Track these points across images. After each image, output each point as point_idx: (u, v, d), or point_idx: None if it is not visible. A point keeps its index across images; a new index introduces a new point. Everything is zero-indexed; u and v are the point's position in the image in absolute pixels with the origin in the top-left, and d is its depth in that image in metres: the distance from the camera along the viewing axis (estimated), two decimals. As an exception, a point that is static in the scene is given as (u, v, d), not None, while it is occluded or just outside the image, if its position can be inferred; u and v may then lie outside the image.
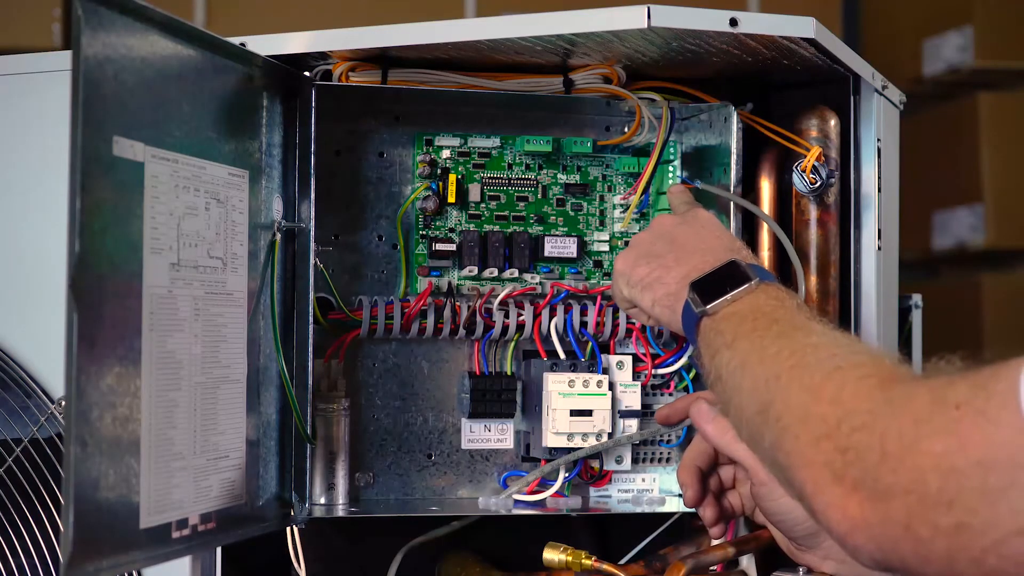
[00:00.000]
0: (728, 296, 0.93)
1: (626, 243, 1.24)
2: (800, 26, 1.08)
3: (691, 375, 1.23)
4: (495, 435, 1.22)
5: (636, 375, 1.21)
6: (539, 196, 1.23)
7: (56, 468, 1.08)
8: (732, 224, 1.15)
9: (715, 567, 1.10)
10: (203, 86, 1.00)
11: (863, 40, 2.98)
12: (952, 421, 0.70)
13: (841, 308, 1.18)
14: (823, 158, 1.15)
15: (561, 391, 1.17)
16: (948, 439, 0.69)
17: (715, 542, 1.11)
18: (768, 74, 1.20)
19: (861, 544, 0.74)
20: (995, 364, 0.71)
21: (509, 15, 1.08)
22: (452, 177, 1.20)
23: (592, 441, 1.18)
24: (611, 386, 1.19)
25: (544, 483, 1.18)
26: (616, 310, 1.20)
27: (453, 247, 1.20)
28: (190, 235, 0.97)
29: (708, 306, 0.94)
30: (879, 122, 1.19)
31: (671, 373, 1.23)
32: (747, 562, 1.15)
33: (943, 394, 0.71)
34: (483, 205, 1.21)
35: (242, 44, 1.06)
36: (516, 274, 1.21)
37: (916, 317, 1.42)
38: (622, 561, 1.23)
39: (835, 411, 0.76)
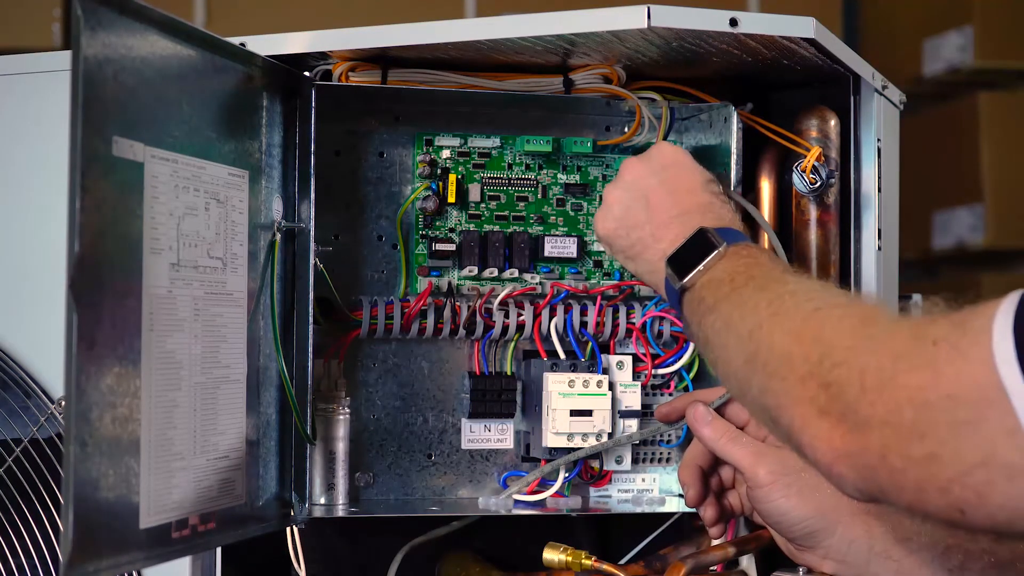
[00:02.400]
0: (701, 267, 0.94)
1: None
2: (800, 26, 1.08)
3: (691, 375, 1.23)
4: (495, 435, 1.22)
5: (636, 375, 1.21)
6: (539, 196, 1.23)
7: (56, 468, 1.08)
8: (732, 224, 1.15)
9: (715, 567, 1.10)
10: (203, 86, 1.00)
11: (863, 40, 2.98)
12: (929, 356, 0.72)
13: (841, 308, 1.18)
14: (823, 158, 1.15)
15: (561, 391, 1.17)
16: (924, 373, 0.72)
17: (715, 542, 1.11)
18: (768, 74, 1.20)
19: (844, 473, 0.76)
20: (976, 304, 0.73)
21: (509, 15, 1.08)
22: (452, 177, 1.20)
23: (592, 441, 1.18)
24: (611, 386, 1.19)
25: (544, 483, 1.18)
26: (616, 310, 1.20)
27: (453, 247, 1.20)
28: (190, 235, 0.97)
29: (685, 280, 0.95)
30: (879, 122, 1.19)
31: (671, 373, 1.23)
32: (747, 562, 1.15)
33: (923, 331, 0.73)
34: (483, 205, 1.21)
35: (242, 44, 1.06)
36: (516, 274, 1.21)
37: (916, 317, 1.42)
38: (622, 561, 1.23)
39: (817, 349, 0.78)
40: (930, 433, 0.71)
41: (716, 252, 0.95)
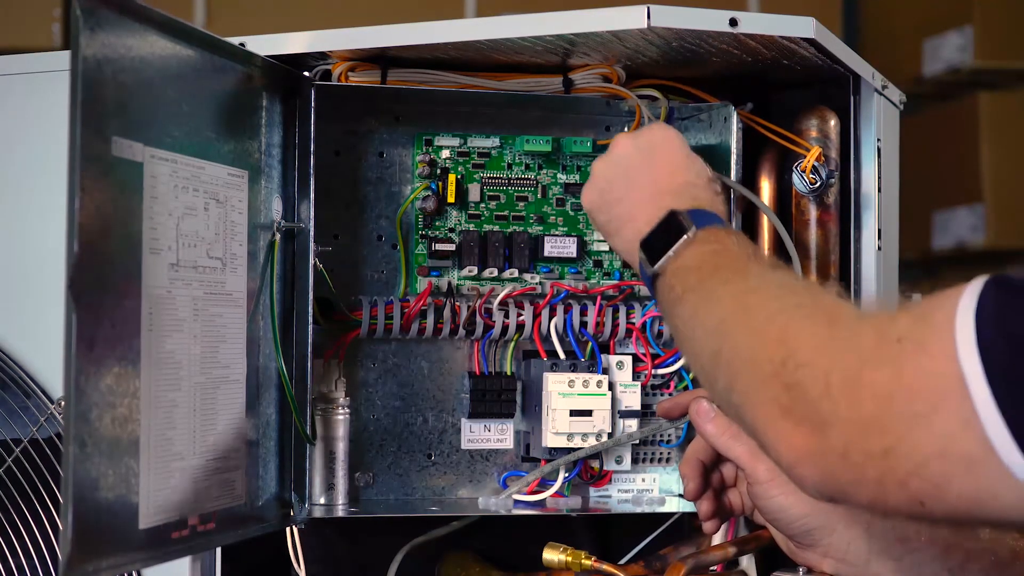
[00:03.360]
0: (671, 252, 0.94)
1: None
2: (800, 26, 1.07)
3: (691, 375, 1.23)
4: (495, 435, 1.22)
5: (636, 375, 1.21)
6: (539, 196, 1.23)
7: (56, 468, 1.08)
8: (733, 224, 1.15)
9: (715, 567, 1.10)
10: (202, 86, 1.00)
11: (863, 40, 2.98)
12: (893, 354, 0.72)
13: (841, 308, 1.18)
14: (823, 158, 1.15)
15: (561, 391, 1.17)
16: (887, 369, 0.72)
17: (714, 541, 1.11)
18: (768, 74, 1.20)
19: (807, 474, 0.77)
20: (936, 294, 0.74)
21: (509, 15, 1.08)
22: (452, 177, 1.20)
23: (592, 441, 1.17)
24: (611, 386, 1.19)
25: (544, 483, 1.18)
26: (616, 310, 1.20)
27: (453, 247, 1.20)
28: (189, 235, 0.97)
29: (656, 266, 0.94)
30: (879, 122, 1.19)
31: (671, 373, 1.23)
32: (747, 562, 1.15)
33: (886, 329, 0.74)
34: (483, 205, 1.21)
35: (242, 44, 1.06)
36: (516, 274, 1.21)
37: (916, 317, 1.42)
38: (622, 561, 1.23)
39: (780, 351, 0.78)
40: (889, 428, 0.72)
41: (684, 238, 0.94)
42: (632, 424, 1.20)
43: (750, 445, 1.02)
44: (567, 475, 1.19)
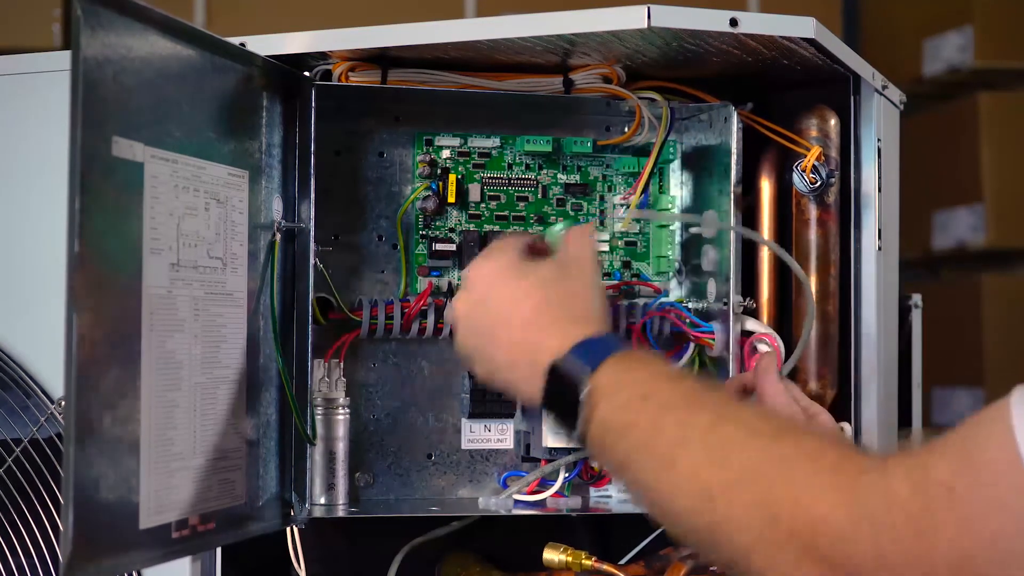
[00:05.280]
0: (583, 418, 0.81)
1: (627, 243, 1.24)
2: (800, 26, 1.07)
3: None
4: (495, 435, 1.22)
5: (636, 375, 1.21)
6: (539, 196, 1.23)
7: (56, 468, 1.08)
8: (732, 220, 1.15)
9: (715, 567, 1.10)
10: (203, 86, 1.00)
11: (863, 40, 2.98)
12: (947, 504, 0.65)
13: (841, 308, 1.18)
14: (823, 158, 1.15)
15: (561, 391, 1.17)
16: (950, 524, 0.65)
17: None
18: (768, 74, 1.20)
19: None
20: (959, 427, 0.67)
21: (509, 15, 1.08)
22: (452, 177, 1.20)
23: (592, 441, 1.17)
24: (611, 386, 1.19)
25: (544, 483, 1.18)
26: (616, 310, 1.20)
27: (453, 247, 1.20)
28: (190, 235, 0.97)
29: (578, 430, 0.82)
30: (879, 122, 1.19)
31: (671, 373, 1.23)
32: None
33: (923, 478, 0.66)
34: (483, 205, 1.21)
35: (242, 44, 1.06)
36: (516, 274, 1.21)
37: (916, 317, 1.42)
38: (622, 561, 1.22)
39: (802, 523, 0.69)
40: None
41: (584, 405, 0.81)
42: (632, 424, 1.20)
43: (796, 410, 1.01)
44: (567, 475, 1.19)
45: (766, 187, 1.20)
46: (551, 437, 1.17)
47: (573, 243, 0.96)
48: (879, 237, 1.19)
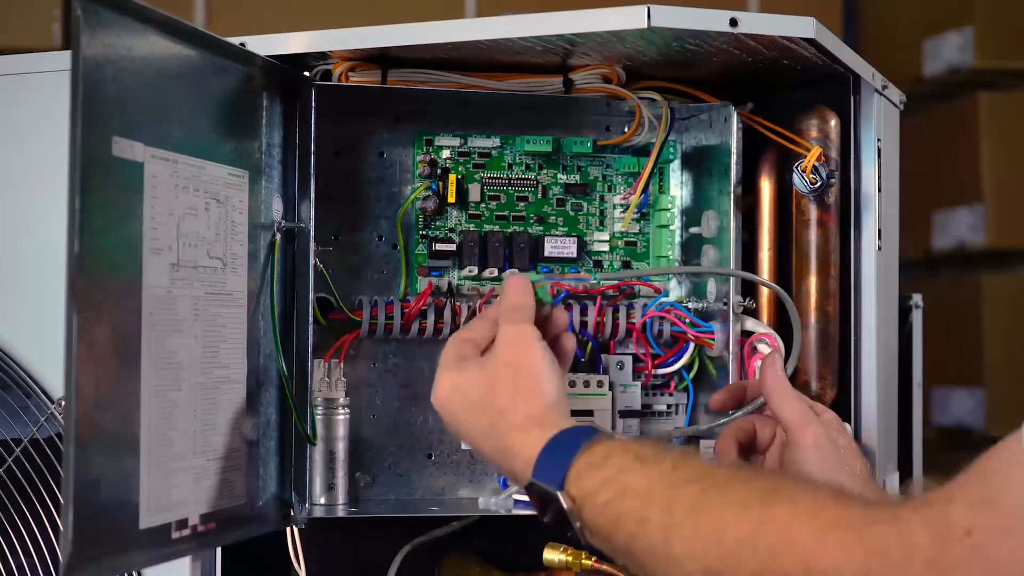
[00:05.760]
0: (574, 524, 0.84)
1: (627, 243, 1.24)
2: (800, 26, 1.07)
3: (691, 375, 1.23)
4: (495, 435, 1.22)
5: (636, 375, 1.21)
6: (539, 196, 1.23)
7: (56, 468, 1.08)
8: (732, 224, 1.15)
9: None
10: (203, 86, 1.00)
11: (863, 40, 2.98)
12: (970, 551, 0.65)
13: (841, 308, 1.18)
14: (823, 158, 1.15)
15: (561, 391, 1.17)
16: (974, 570, 0.65)
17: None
18: (768, 74, 1.20)
19: None
20: (973, 470, 0.67)
21: (509, 15, 1.08)
22: (452, 177, 1.20)
23: (592, 441, 1.17)
24: (611, 386, 1.19)
25: (544, 483, 1.18)
26: (616, 310, 1.20)
27: (453, 247, 1.20)
28: (190, 235, 0.97)
29: (578, 527, 0.85)
30: (879, 122, 1.19)
31: (671, 373, 1.23)
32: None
33: (942, 525, 0.66)
34: (483, 205, 1.21)
35: (242, 44, 1.06)
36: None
37: (916, 317, 1.42)
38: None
39: None
40: None
41: (566, 506, 0.84)
42: (632, 424, 1.20)
43: (802, 409, 1.01)
44: (567, 475, 1.18)
45: (766, 187, 1.20)
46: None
47: (505, 318, 0.97)
48: (879, 237, 1.19)
